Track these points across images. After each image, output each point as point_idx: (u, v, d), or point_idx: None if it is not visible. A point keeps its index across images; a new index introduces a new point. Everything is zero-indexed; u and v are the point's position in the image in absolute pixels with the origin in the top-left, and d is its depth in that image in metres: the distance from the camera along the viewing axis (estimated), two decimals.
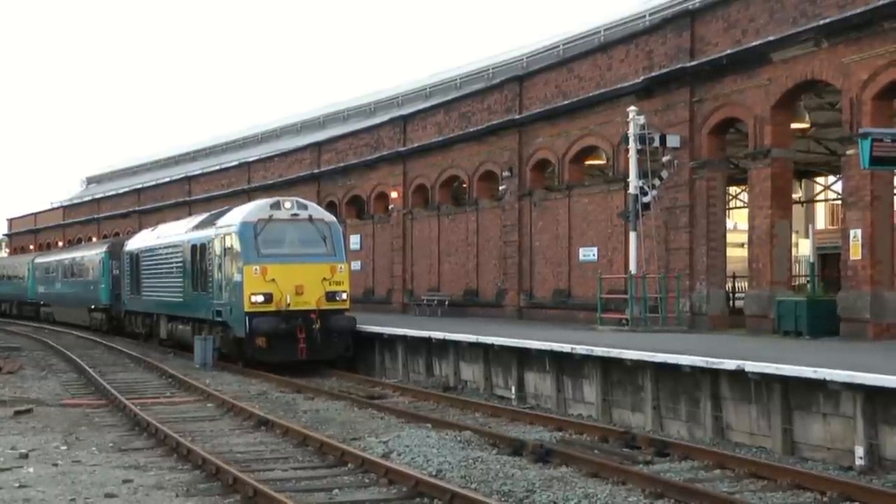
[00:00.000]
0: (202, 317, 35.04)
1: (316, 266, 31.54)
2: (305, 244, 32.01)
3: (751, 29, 27.69)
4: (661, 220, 30.41)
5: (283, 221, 32.14)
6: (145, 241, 44.94)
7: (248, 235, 31.58)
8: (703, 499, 13.65)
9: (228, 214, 34.57)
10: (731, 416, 19.36)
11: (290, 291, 30.94)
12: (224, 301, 32.50)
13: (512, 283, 38.62)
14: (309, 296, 31.12)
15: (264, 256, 31.32)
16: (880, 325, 23.96)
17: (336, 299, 31.63)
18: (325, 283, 31.43)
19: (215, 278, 33.29)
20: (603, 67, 34.17)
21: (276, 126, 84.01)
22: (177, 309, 38.51)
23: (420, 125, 46.53)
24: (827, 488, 14.34)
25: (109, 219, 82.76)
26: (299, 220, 32.29)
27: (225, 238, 32.78)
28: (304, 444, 18.63)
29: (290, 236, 32.11)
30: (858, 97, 24.26)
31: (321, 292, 31.29)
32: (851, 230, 24.54)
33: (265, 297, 30.83)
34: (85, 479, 15.66)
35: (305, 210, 32.72)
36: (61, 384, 29.64)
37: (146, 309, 43.92)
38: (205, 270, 34.59)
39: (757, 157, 27.66)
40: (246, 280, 30.94)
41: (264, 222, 31.84)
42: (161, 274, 40.60)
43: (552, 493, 14.19)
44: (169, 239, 40.56)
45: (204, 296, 34.44)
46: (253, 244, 31.44)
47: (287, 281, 31.01)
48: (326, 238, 32.24)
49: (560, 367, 24.17)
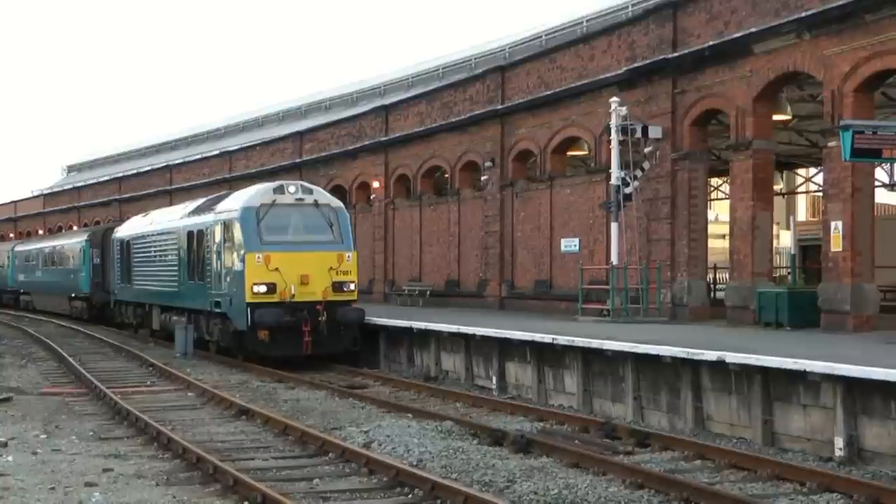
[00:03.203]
0: (199, 308, 33.29)
1: (322, 254, 29.73)
2: (311, 231, 30.27)
3: (733, 20, 27.73)
4: (643, 211, 30.44)
5: (288, 206, 30.25)
6: (137, 228, 43.15)
7: (250, 221, 29.72)
8: (684, 489, 13.68)
9: (228, 199, 32.63)
10: (711, 406, 19.44)
11: (294, 281, 29.17)
12: (224, 291, 30.64)
13: (494, 274, 38.64)
14: (315, 286, 29.38)
15: (267, 244, 29.47)
16: (860, 316, 24.04)
17: (343, 290, 29.86)
18: (332, 273, 29.67)
19: (214, 267, 31.45)
20: (585, 58, 34.18)
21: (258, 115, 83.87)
22: (171, 299, 36.78)
23: (402, 115, 46.48)
24: (806, 479, 14.42)
25: (90, 207, 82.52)
26: (304, 205, 30.47)
27: (225, 224, 30.84)
28: (285, 433, 18.63)
29: (294, 222, 30.35)
30: (840, 89, 24.31)
31: (328, 282, 29.57)
32: (832, 222, 24.60)
33: (268, 287, 29.04)
34: (65, 468, 15.66)
35: (311, 194, 30.89)
36: (41, 373, 29.58)
37: (137, 299, 42.22)
38: (202, 258, 32.73)
39: (738, 149, 27.71)
40: (248, 269, 29.09)
41: (267, 207, 29.97)
42: (154, 262, 38.97)
43: (533, 484, 14.23)
44: (163, 225, 38.77)
45: (201, 285, 32.67)
46: (255, 230, 29.61)
47: (291, 270, 29.21)
48: (333, 224, 30.43)
49: (541, 357, 24.20)
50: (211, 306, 31.71)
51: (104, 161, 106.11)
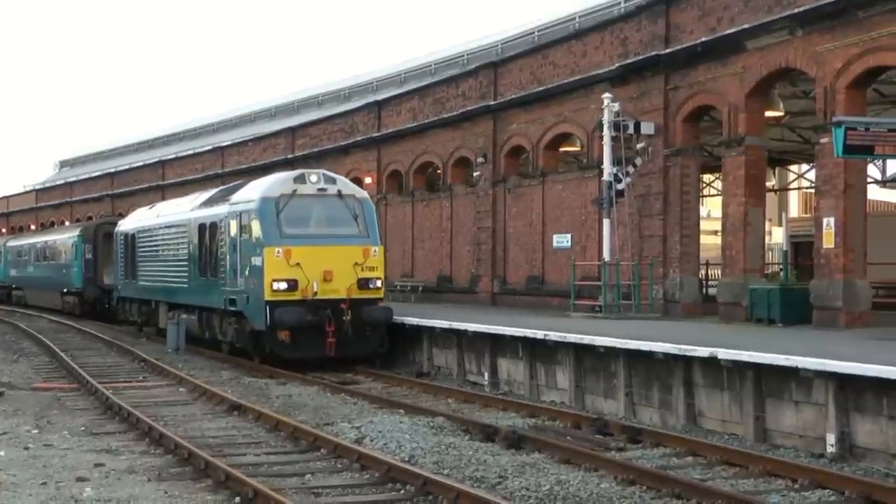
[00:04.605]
0: (211, 305, 31.33)
1: (347, 248, 27.80)
2: (334, 223, 28.30)
3: (725, 17, 27.76)
4: (635, 208, 30.48)
5: (309, 197, 28.29)
6: (142, 221, 40.88)
7: (270, 213, 27.75)
8: (675, 485, 13.70)
9: (244, 189, 30.56)
10: (703, 403, 19.45)
11: (317, 278, 27.27)
12: (239, 288, 28.65)
13: (485, 270, 38.66)
14: (338, 283, 27.51)
15: (288, 237, 27.56)
16: (852, 313, 24.09)
17: (369, 287, 28.01)
18: (357, 269, 27.83)
19: (228, 262, 29.44)
20: (578, 54, 34.20)
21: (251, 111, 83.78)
22: (180, 296, 34.74)
23: (394, 111, 46.47)
24: (798, 475, 14.43)
25: (82, 202, 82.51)
26: (327, 196, 28.44)
27: (241, 216, 28.73)
28: (277, 429, 18.62)
29: (316, 214, 28.40)
30: (832, 86, 24.35)
31: (353, 279, 27.73)
32: (824, 218, 24.64)
33: (289, 284, 27.15)
34: (56, 463, 15.66)
35: (334, 184, 28.79)
36: (33, 368, 29.58)
37: (142, 295, 40.16)
38: (215, 253, 30.73)
39: (731, 145, 27.74)
40: (267, 264, 27.22)
41: (287, 197, 28.00)
42: (162, 257, 37.01)
43: (524, 480, 14.23)
44: (171, 218, 36.64)
45: (214, 282, 30.71)
46: (275, 223, 27.66)
47: (314, 265, 27.28)
48: (358, 216, 28.46)
49: (533, 353, 24.22)
50: (225, 304, 29.83)
51: (96, 156, 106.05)
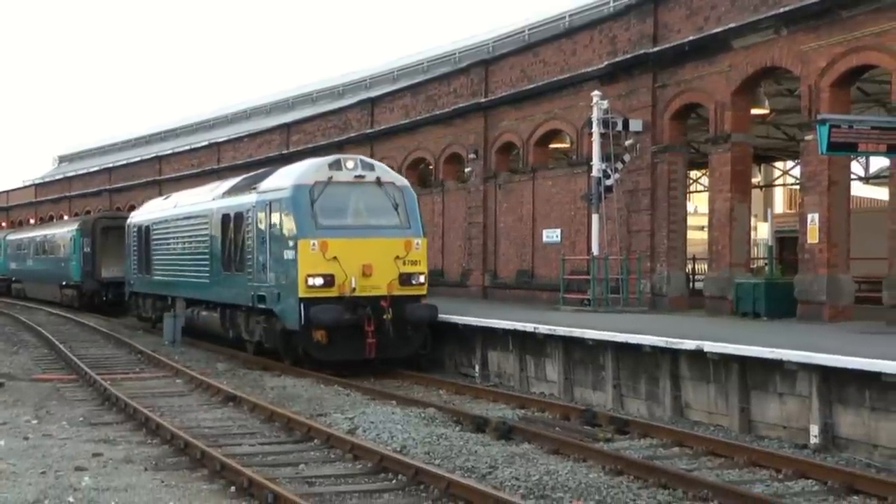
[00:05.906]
0: (236, 302, 29.09)
1: (387, 241, 25.66)
2: (374, 213, 26.12)
3: (712, 16, 28.00)
4: (623, 203, 30.72)
5: (346, 185, 25.99)
6: (157, 212, 38.70)
7: (304, 202, 25.45)
8: (662, 475, 13.94)
9: (273, 177, 28.25)
10: (689, 395, 19.74)
11: (355, 273, 25.06)
12: (269, 284, 26.36)
13: (476, 264, 38.92)
14: (379, 278, 25.29)
15: (324, 228, 25.30)
16: (836, 307, 24.31)
17: (412, 283, 25.84)
18: (399, 263, 25.65)
19: (257, 255, 27.12)
20: (567, 52, 34.45)
21: (246, 107, 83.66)
22: (200, 292, 32.49)
23: (387, 107, 46.66)
24: (782, 466, 14.68)
25: (81, 197, 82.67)
26: (365, 184, 26.13)
27: (271, 205, 26.47)
28: (271, 419, 18.86)
29: (354, 203, 26.15)
30: (817, 84, 24.59)
31: (394, 274, 25.53)
32: (809, 214, 24.87)
33: (325, 279, 24.93)
34: (55, 453, 15.89)
35: (372, 171, 26.55)
36: (32, 359, 29.80)
37: (157, 291, 37.96)
38: (241, 246, 28.46)
39: (717, 142, 28.00)
40: (301, 258, 24.97)
41: (322, 185, 25.65)
42: (179, 250, 34.85)
43: (514, 470, 14.44)
44: (190, 208, 34.23)
45: (240, 277, 28.43)
46: (309, 213, 25.37)
47: (352, 259, 25.13)
48: (399, 206, 26.25)
49: (523, 346, 24.51)
50: (252, 301, 27.54)
51: (95, 152, 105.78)
